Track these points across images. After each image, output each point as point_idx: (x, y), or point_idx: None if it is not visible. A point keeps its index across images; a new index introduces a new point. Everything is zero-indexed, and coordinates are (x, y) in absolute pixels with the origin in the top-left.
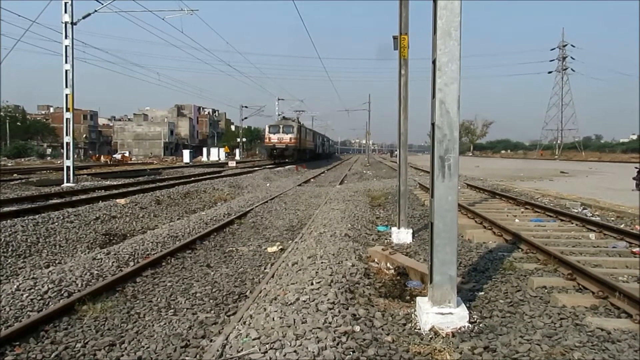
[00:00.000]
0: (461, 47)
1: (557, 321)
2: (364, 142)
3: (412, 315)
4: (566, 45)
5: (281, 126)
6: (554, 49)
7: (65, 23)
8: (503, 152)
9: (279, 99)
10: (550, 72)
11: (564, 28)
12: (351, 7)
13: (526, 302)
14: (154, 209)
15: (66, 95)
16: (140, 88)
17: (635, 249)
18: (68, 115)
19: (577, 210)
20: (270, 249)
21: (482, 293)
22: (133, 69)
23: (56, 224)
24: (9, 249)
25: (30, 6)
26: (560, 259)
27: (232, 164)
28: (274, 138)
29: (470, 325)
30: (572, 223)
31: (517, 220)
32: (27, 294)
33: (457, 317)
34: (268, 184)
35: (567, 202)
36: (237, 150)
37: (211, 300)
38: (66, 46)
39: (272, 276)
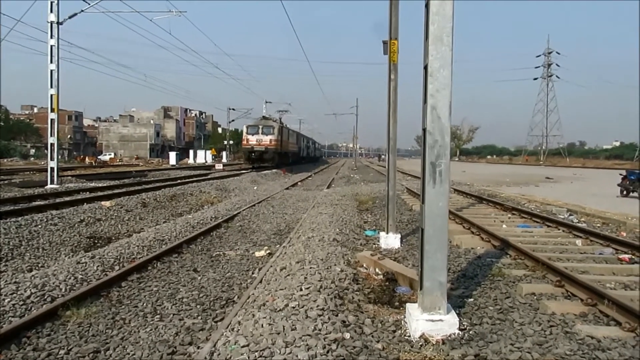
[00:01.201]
0: (453, 53)
1: (547, 329)
2: (351, 145)
3: (402, 321)
4: (551, 52)
5: (260, 127)
6: (539, 55)
7: (51, 22)
8: (489, 157)
9: (266, 102)
10: (535, 79)
11: (549, 35)
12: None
13: (516, 309)
14: (139, 212)
15: (51, 95)
16: (126, 89)
17: (622, 256)
18: (53, 115)
19: (564, 217)
20: (258, 254)
21: (472, 299)
22: (119, 69)
23: (39, 226)
24: None
25: (15, 5)
26: (548, 266)
27: (219, 166)
28: (253, 139)
29: (460, 333)
30: (559, 229)
31: (504, 225)
32: (9, 299)
33: (447, 324)
34: (255, 187)
35: (554, 208)
36: (224, 153)
37: (198, 306)
38: (52, 46)
39: (261, 281)
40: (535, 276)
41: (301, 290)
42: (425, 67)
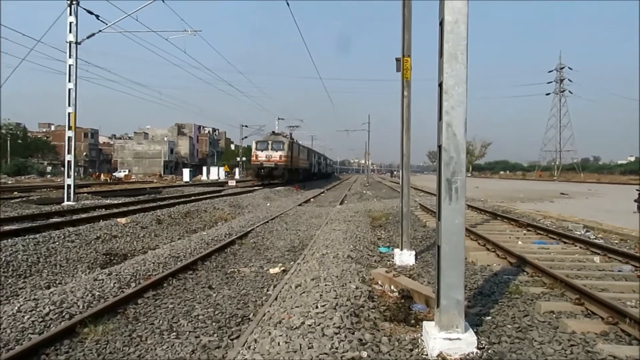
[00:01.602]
0: (468, 70)
1: (568, 348)
2: (363, 162)
3: (419, 340)
4: (563, 67)
5: (270, 142)
6: (551, 71)
7: (70, 43)
8: (502, 172)
9: (279, 119)
10: (547, 94)
11: (561, 51)
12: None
13: (534, 327)
14: (154, 229)
15: (69, 113)
16: (141, 107)
17: None
18: (70, 133)
19: (580, 233)
20: (272, 270)
21: (490, 317)
22: (135, 87)
23: (57, 243)
24: (10, 269)
25: (35, 26)
26: (567, 283)
27: (232, 183)
28: (262, 156)
29: (479, 352)
30: (576, 246)
31: (520, 242)
32: (28, 316)
33: (465, 342)
34: (268, 204)
35: (570, 224)
36: (236, 170)
37: (214, 323)
38: (70, 65)
39: (276, 299)
40: (554, 294)
41: (317, 307)
42: (440, 85)
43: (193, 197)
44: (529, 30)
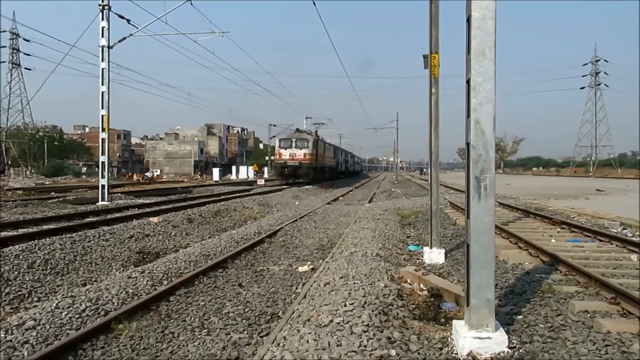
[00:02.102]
0: (496, 66)
1: (602, 348)
2: (391, 159)
3: (449, 339)
4: (599, 60)
5: (294, 140)
6: (586, 64)
7: (102, 47)
8: (535, 169)
9: (307, 117)
10: (582, 88)
11: (597, 43)
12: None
13: (568, 327)
14: (185, 228)
15: (102, 115)
16: (171, 108)
17: None
18: (103, 135)
19: (617, 230)
20: (301, 269)
21: (521, 317)
22: (165, 89)
23: (92, 242)
24: (48, 267)
25: (69, 32)
26: (602, 282)
27: (260, 182)
28: (285, 154)
29: (509, 351)
30: (612, 244)
31: (553, 240)
32: (65, 312)
33: (496, 341)
34: (297, 202)
35: (605, 222)
36: (265, 169)
37: (244, 321)
38: (102, 69)
39: (305, 296)
40: (588, 293)
41: (345, 305)
42: (468, 81)
43: (223, 196)
44: (562, 22)
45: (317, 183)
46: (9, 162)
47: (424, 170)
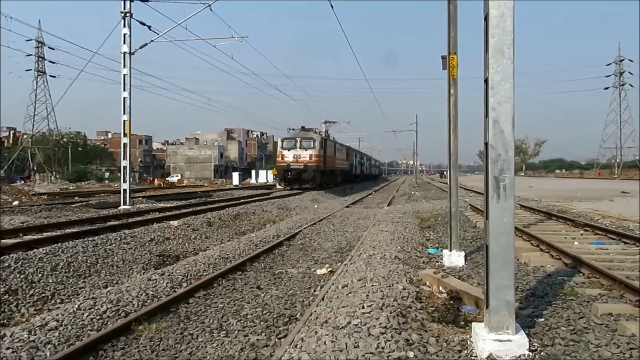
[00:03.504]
0: (515, 65)
1: (627, 351)
2: (411, 162)
3: (468, 341)
4: (623, 60)
5: (298, 139)
6: (610, 64)
7: (124, 53)
8: (557, 171)
9: (325, 121)
10: (606, 88)
11: (620, 42)
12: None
13: (591, 329)
14: (205, 231)
15: (124, 121)
16: (191, 113)
17: None
18: (125, 140)
19: None
20: (319, 271)
21: (542, 319)
22: (185, 94)
23: (114, 245)
24: (71, 269)
25: (92, 39)
26: (626, 285)
27: (279, 185)
28: (289, 156)
29: (530, 354)
30: (637, 246)
31: (576, 242)
32: (87, 313)
33: (516, 344)
34: (316, 206)
35: (631, 224)
36: None
37: (262, 322)
38: (124, 75)
39: (322, 299)
40: (612, 296)
41: (363, 308)
42: (486, 80)
43: (242, 200)
44: (582, 21)
45: (325, 188)
46: (35, 168)
47: (444, 173)
